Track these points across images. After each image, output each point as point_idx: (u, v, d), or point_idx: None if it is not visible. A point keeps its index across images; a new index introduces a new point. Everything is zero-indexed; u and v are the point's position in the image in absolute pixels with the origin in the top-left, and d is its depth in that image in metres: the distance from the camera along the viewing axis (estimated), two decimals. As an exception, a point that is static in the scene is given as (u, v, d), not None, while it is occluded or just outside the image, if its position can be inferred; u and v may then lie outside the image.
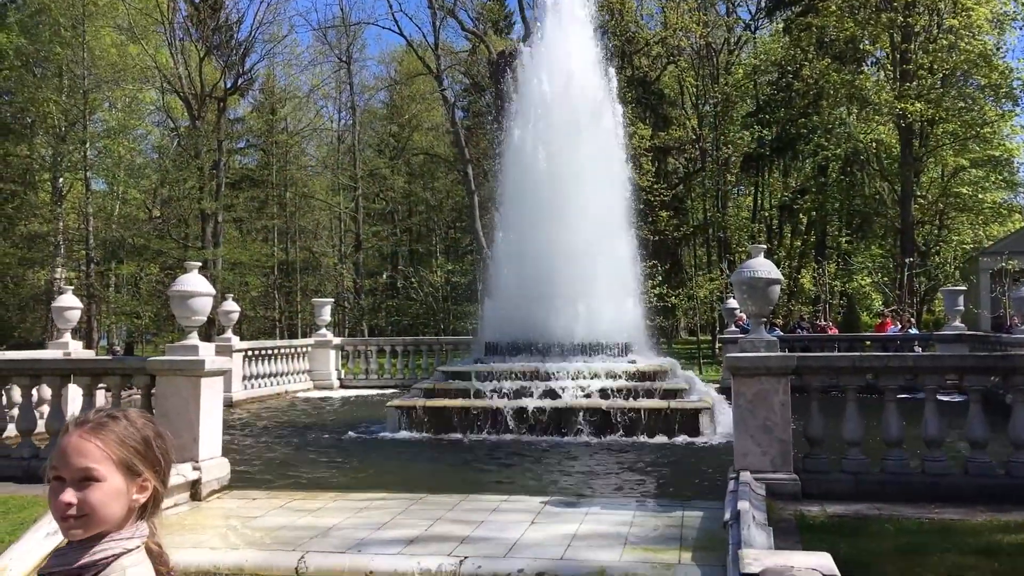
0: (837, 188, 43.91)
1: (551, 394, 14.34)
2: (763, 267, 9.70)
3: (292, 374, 22.49)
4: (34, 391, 10.97)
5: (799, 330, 28.63)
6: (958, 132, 40.08)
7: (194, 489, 8.96)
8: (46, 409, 12.39)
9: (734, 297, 17.59)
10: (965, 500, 8.20)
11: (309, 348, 23.42)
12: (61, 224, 41.21)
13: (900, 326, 26.97)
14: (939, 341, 20.59)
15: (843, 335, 27.30)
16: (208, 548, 7.06)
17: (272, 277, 50.39)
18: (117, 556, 1.95)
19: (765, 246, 10.63)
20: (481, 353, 16.73)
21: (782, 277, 10.80)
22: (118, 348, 39.12)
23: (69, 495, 1.92)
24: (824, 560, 4.71)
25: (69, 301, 16.13)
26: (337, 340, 24.29)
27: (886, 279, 39.97)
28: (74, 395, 10.96)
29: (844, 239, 45.94)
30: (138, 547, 2.00)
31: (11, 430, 11.27)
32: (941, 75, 37.92)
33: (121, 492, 1.97)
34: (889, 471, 8.72)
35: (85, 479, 1.93)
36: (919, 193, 41.90)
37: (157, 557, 2.06)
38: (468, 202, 42.78)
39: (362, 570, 6.46)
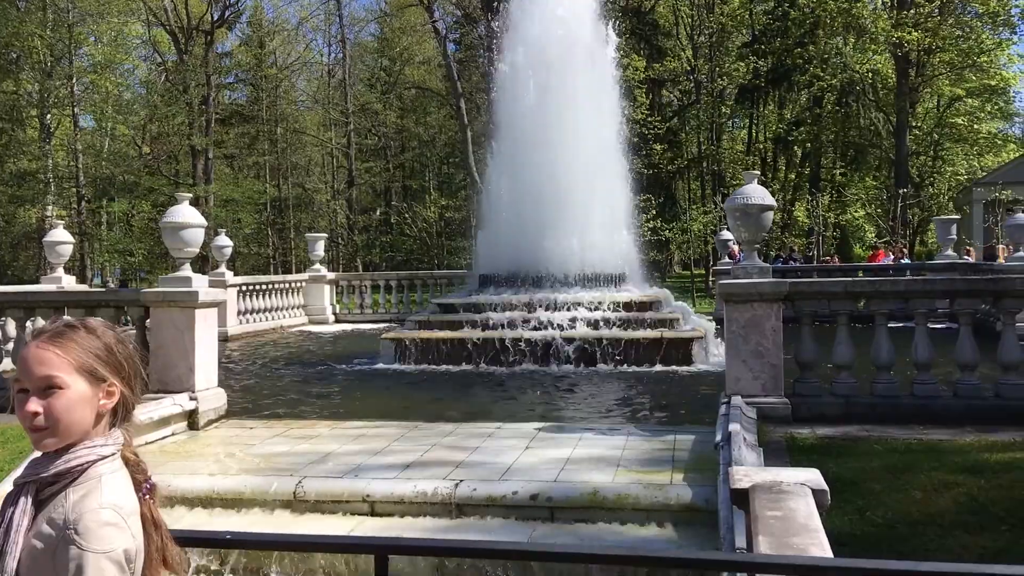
0: (832, 119, 43.60)
1: (545, 325, 14.39)
2: (756, 193, 9.65)
3: (287, 309, 22.51)
4: (28, 324, 11.00)
5: (792, 262, 28.73)
6: (955, 61, 39.75)
7: (191, 419, 9.05)
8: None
9: (728, 227, 17.57)
10: (954, 421, 8.30)
11: (304, 283, 23.41)
12: (50, 161, 40.83)
13: (893, 257, 27.07)
14: (931, 270, 20.67)
15: (836, 265, 27.42)
16: (206, 475, 7.15)
17: (265, 214, 50.09)
18: (92, 463, 1.94)
19: (758, 173, 10.57)
20: (476, 286, 16.71)
21: (775, 204, 10.76)
22: (112, 285, 39.08)
23: (34, 404, 1.91)
24: (813, 475, 4.79)
25: (60, 235, 16.09)
26: (331, 275, 24.26)
27: (879, 211, 40.03)
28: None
29: (838, 171, 45.73)
30: (113, 454, 1.99)
31: (7, 363, 11.34)
32: (939, 2, 37.44)
33: (86, 398, 1.95)
34: (879, 394, 8.82)
35: (48, 387, 1.92)
36: (914, 124, 41.71)
37: (134, 465, 2.04)
38: (461, 136, 42.38)
39: (360, 494, 6.56)
